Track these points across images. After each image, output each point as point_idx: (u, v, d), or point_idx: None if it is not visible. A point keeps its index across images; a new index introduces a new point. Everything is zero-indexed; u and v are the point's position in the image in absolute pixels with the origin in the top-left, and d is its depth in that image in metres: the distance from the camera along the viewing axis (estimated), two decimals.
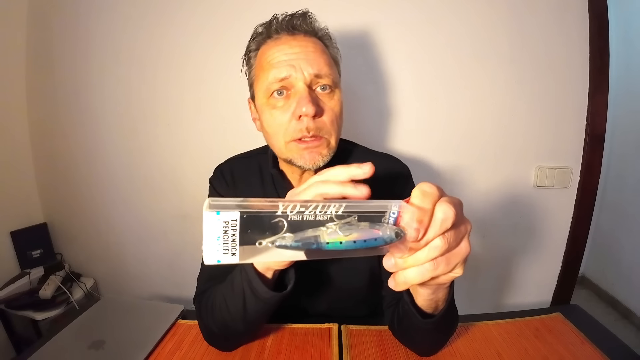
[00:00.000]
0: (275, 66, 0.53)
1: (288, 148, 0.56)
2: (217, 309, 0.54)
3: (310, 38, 0.56)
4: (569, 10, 1.06)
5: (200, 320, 0.59)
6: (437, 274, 0.30)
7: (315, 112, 0.52)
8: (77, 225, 1.37)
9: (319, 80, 0.54)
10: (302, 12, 0.57)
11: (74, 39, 1.19)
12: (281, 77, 0.53)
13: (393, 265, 0.31)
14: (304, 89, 0.53)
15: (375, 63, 1.12)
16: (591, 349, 0.58)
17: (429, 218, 0.28)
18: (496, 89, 1.12)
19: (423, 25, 1.09)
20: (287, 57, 0.53)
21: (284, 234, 0.26)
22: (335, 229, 0.26)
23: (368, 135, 1.16)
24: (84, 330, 0.65)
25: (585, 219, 1.19)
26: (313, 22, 0.58)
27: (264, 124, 0.58)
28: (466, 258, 0.32)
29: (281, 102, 0.55)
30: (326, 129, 0.55)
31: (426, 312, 0.47)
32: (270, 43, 0.56)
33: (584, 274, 2.23)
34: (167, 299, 1.06)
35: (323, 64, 0.54)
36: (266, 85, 0.54)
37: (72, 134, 1.27)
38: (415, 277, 0.30)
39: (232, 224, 0.24)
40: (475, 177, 1.18)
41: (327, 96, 0.56)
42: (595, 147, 1.13)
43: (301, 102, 0.52)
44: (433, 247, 0.29)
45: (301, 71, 0.53)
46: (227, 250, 0.25)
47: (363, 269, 0.66)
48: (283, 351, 0.58)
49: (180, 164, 1.24)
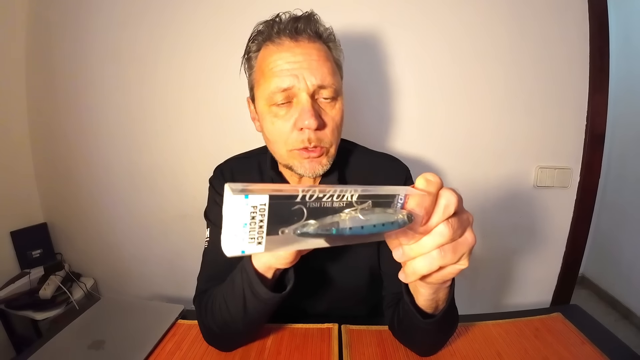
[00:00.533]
0: (277, 75, 0.52)
1: (289, 155, 0.56)
2: (217, 309, 0.54)
3: (314, 44, 0.54)
4: (569, 10, 1.06)
5: (200, 320, 0.59)
6: (444, 263, 0.30)
7: (318, 125, 0.52)
8: (77, 225, 1.37)
9: (322, 90, 0.54)
10: (307, 15, 0.55)
11: (74, 39, 1.19)
12: (284, 88, 0.52)
13: (402, 255, 0.31)
14: (307, 100, 0.52)
15: (376, 63, 1.12)
16: (591, 349, 0.58)
17: (434, 203, 0.29)
18: (496, 89, 1.12)
19: (423, 26, 1.09)
20: (289, 66, 0.52)
21: (307, 221, 0.24)
22: (354, 215, 0.25)
23: (368, 135, 1.16)
24: (84, 330, 0.65)
25: (585, 219, 1.19)
26: (318, 25, 0.55)
27: (265, 130, 0.58)
28: (472, 249, 0.32)
29: (283, 110, 0.54)
30: (327, 140, 0.55)
31: (426, 312, 0.47)
32: (272, 47, 0.54)
33: (584, 274, 2.23)
34: (167, 299, 1.06)
35: (327, 73, 0.53)
36: (268, 93, 0.53)
37: (72, 134, 1.27)
38: (424, 266, 0.30)
39: (261, 209, 0.22)
40: (475, 177, 1.18)
41: (329, 105, 0.55)
42: (595, 147, 1.13)
43: (303, 115, 0.51)
44: (438, 232, 0.29)
45: (304, 81, 0.52)
46: (254, 239, 0.22)
47: (363, 268, 0.66)
48: (283, 351, 0.58)
49: (180, 164, 1.24)
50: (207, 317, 0.56)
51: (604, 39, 1.06)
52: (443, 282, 0.39)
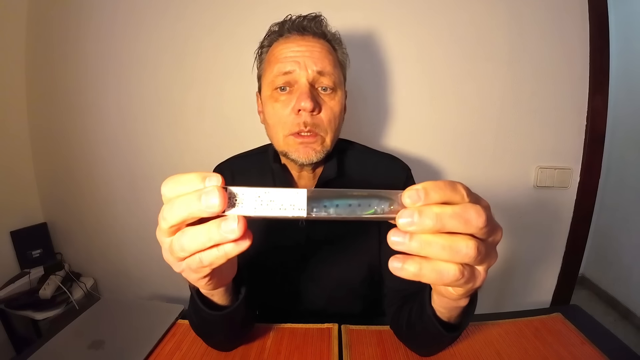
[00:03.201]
0: (281, 61, 0.56)
1: (285, 141, 0.58)
2: (192, 321, 0.54)
3: (318, 40, 0.59)
4: (569, 10, 1.06)
5: (192, 327, 0.58)
6: (430, 249, 0.25)
7: (313, 107, 0.54)
8: (77, 225, 1.37)
9: (321, 78, 0.56)
10: (314, 15, 0.60)
11: (74, 38, 1.19)
12: (285, 71, 0.56)
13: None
14: (306, 85, 0.55)
15: (376, 62, 1.12)
16: (591, 350, 0.58)
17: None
18: (496, 89, 1.12)
19: (423, 26, 1.09)
20: (293, 54, 0.56)
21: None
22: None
23: (368, 135, 1.16)
24: (83, 330, 0.65)
25: (585, 219, 1.19)
26: (323, 26, 0.61)
27: (267, 116, 0.61)
28: (479, 262, 0.27)
29: (284, 96, 0.57)
30: (322, 127, 0.57)
31: (447, 323, 0.43)
32: (281, 41, 0.59)
33: (584, 274, 2.23)
34: (167, 299, 1.06)
35: (327, 64, 0.57)
36: (271, 78, 0.57)
37: (72, 134, 1.27)
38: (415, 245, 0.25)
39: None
40: (475, 177, 1.18)
41: (328, 96, 0.58)
42: (595, 147, 1.13)
43: (301, 97, 0.54)
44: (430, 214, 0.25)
45: (305, 68, 0.55)
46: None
47: (360, 263, 0.67)
48: (283, 351, 0.58)
49: (180, 164, 1.24)
50: (193, 326, 0.55)
51: (604, 39, 1.06)
52: (455, 300, 0.35)
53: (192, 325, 0.55)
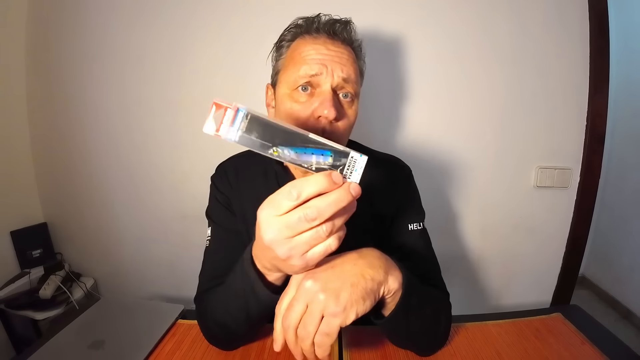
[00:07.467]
0: (308, 62, 0.55)
1: None
2: (218, 310, 0.54)
3: (346, 46, 0.58)
4: (569, 10, 1.06)
5: (201, 320, 0.59)
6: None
7: (336, 116, 0.53)
8: (77, 225, 1.37)
9: (345, 85, 0.55)
10: (346, 20, 0.59)
11: (74, 39, 1.19)
12: (312, 74, 0.54)
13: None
14: (329, 92, 0.54)
15: (375, 63, 1.12)
16: (591, 350, 0.58)
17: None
18: (497, 89, 1.12)
19: (423, 26, 1.09)
20: (321, 57, 0.55)
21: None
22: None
23: (369, 135, 1.15)
24: (84, 330, 0.65)
25: (585, 220, 1.19)
26: (353, 33, 0.60)
27: (280, 114, 0.59)
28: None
29: (304, 97, 0.55)
30: (338, 135, 0.56)
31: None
32: (308, 39, 0.57)
33: (584, 274, 2.23)
34: (167, 299, 1.06)
35: (352, 72, 0.56)
36: (294, 77, 0.55)
37: (72, 134, 1.27)
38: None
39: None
40: (476, 177, 1.18)
41: (347, 104, 0.57)
42: (596, 147, 1.13)
43: (324, 104, 0.53)
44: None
45: (332, 73, 0.54)
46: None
47: None
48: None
49: (180, 164, 1.24)
50: (208, 317, 0.56)
51: (604, 40, 1.06)
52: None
53: (218, 323, 0.54)
